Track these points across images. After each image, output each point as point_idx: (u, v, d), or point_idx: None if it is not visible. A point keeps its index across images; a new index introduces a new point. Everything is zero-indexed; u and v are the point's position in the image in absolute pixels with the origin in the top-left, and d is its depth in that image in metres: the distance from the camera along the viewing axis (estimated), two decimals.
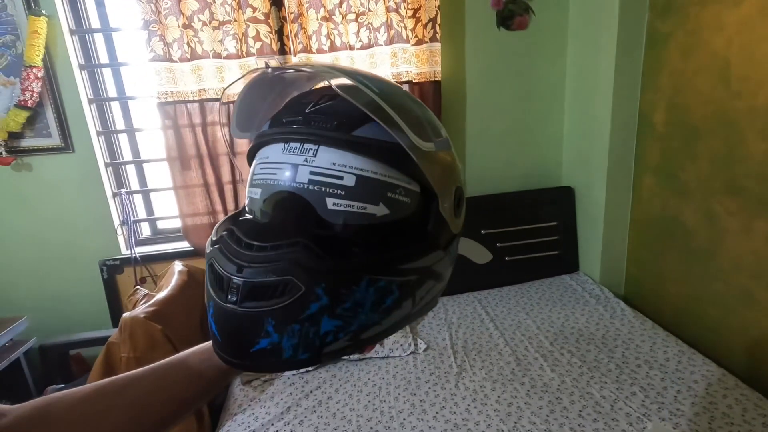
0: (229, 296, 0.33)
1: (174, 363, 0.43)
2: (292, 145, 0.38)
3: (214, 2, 1.69)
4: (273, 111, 0.43)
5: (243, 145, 1.86)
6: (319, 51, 1.80)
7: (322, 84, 0.46)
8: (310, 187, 0.36)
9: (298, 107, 0.40)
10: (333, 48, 1.81)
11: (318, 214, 0.36)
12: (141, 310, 1.32)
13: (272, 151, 0.39)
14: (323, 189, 0.36)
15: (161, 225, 2.09)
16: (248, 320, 0.33)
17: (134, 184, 2.04)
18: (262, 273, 0.33)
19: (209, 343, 0.41)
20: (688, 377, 1.37)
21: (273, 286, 0.32)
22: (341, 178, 0.36)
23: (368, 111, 0.34)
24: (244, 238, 0.35)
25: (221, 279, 0.34)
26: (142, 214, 2.06)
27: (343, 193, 0.36)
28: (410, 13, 1.79)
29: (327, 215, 0.36)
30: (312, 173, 0.36)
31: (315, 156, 0.37)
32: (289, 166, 0.37)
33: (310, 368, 1.57)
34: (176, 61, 1.72)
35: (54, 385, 1.63)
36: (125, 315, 1.29)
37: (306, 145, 0.37)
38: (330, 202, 0.36)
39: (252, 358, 0.33)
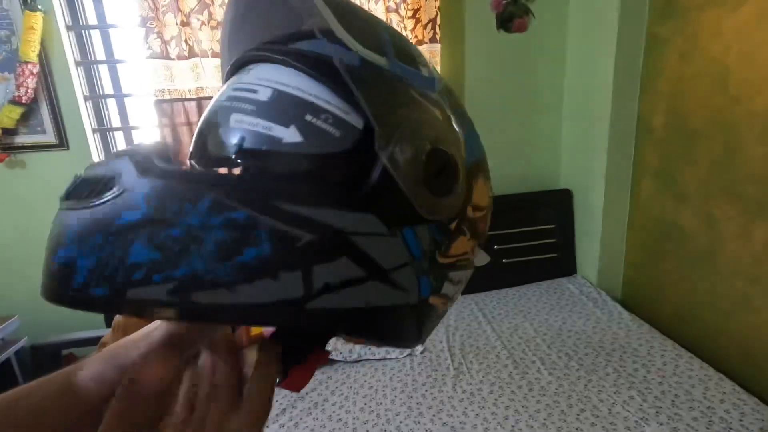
0: (63, 194, 0.26)
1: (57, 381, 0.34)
2: (240, 70, 0.33)
3: (213, 3, 1.68)
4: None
5: None
6: None
7: None
8: (225, 103, 0.30)
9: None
10: None
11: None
12: None
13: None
14: (233, 104, 0.29)
15: None
16: (60, 222, 0.25)
17: None
18: (97, 168, 0.26)
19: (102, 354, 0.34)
20: (686, 381, 1.36)
21: (96, 180, 0.25)
22: (256, 91, 0.29)
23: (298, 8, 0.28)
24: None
25: None
26: None
27: (251, 108, 0.28)
28: (410, 13, 1.78)
29: (226, 135, 0.29)
30: (234, 89, 0.30)
31: (247, 74, 0.31)
32: (225, 86, 0.32)
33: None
34: (174, 59, 1.70)
35: None
36: (118, 315, 1.27)
37: (248, 67, 0.32)
38: (234, 119, 0.29)
39: (48, 276, 0.24)
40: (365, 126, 0.28)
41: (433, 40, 1.84)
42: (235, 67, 0.33)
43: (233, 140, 0.28)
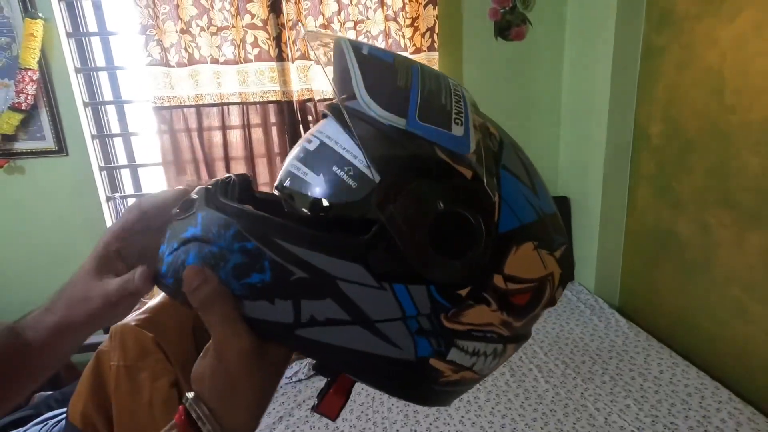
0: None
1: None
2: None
3: (213, 8, 1.69)
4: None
5: (238, 149, 1.86)
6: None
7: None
8: (296, 149, 0.36)
9: None
10: None
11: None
12: (132, 317, 1.30)
13: None
14: (297, 151, 0.35)
15: None
16: (166, 229, 0.35)
17: (129, 189, 2.03)
18: (197, 192, 0.35)
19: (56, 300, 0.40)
20: (682, 390, 1.37)
21: (189, 201, 0.34)
22: (311, 142, 0.34)
23: (324, 69, 0.33)
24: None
25: None
26: None
27: (302, 155, 0.34)
28: (408, 21, 1.80)
29: (283, 173, 0.35)
30: (305, 138, 0.36)
31: (319, 125, 0.36)
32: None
33: (303, 376, 1.55)
34: (173, 66, 1.71)
35: (42, 392, 1.61)
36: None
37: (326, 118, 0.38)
38: (290, 162, 0.35)
39: (158, 261, 0.35)
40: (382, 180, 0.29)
41: (431, 48, 1.85)
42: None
43: (283, 179, 0.35)
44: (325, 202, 0.31)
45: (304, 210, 0.33)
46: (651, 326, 1.75)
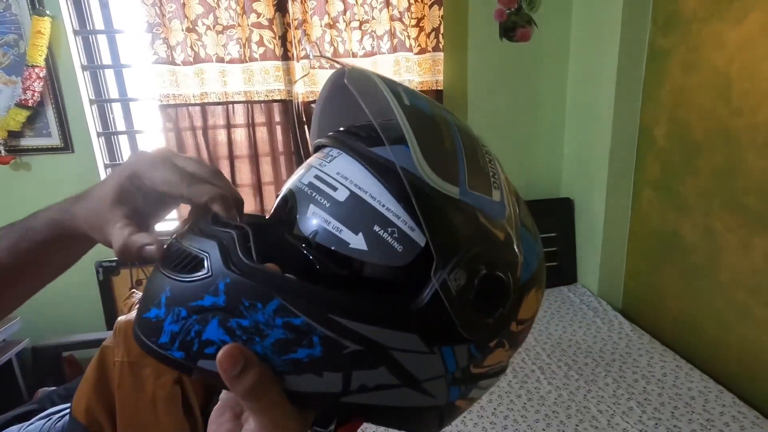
0: (164, 257, 0.31)
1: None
2: (325, 150, 0.36)
3: (219, 7, 1.70)
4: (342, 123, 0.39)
5: (243, 148, 1.86)
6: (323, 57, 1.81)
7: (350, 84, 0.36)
8: (306, 189, 0.33)
9: (356, 122, 0.37)
10: (336, 55, 1.81)
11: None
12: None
13: (314, 155, 0.37)
14: (313, 194, 0.32)
15: (159, 227, 2.09)
16: (156, 282, 0.30)
17: None
18: (192, 241, 0.30)
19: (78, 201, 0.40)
20: (686, 393, 1.36)
21: (189, 257, 0.29)
22: (336, 189, 0.32)
23: (371, 115, 0.29)
24: (221, 218, 0.33)
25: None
26: None
27: (327, 204, 0.31)
28: (414, 22, 1.80)
29: (302, 222, 0.32)
30: (316, 177, 0.33)
31: (330, 162, 0.34)
32: (306, 166, 0.35)
33: None
34: (179, 65, 1.72)
35: (46, 387, 1.61)
36: (120, 318, 1.27)
37: (331, 151, 0.34)
38: (311, 210, 0.32)
39: (140, 323, 0.30)
40: (427, 244, 0.29)
41: (436, 48, 1.85)
42: (320, 146, 0.36)
43: (307, 230, 0.31)
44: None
45: (335, 267, 0.30)
46: (654, 329, 1.75)
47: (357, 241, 0.30)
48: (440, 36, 1.83)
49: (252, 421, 0.28)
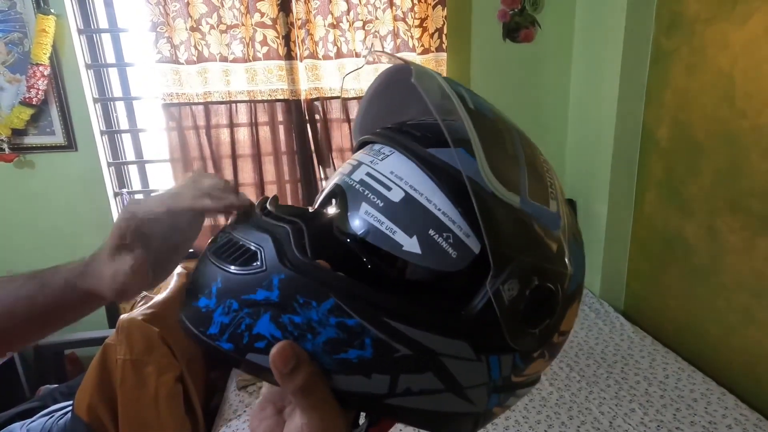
0: (211, 245, 0.31)
1: (48, 270, 0.42)
2: (374, 146, 0.35)
3: (223, 6, 1.70)
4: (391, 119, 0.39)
5: (245, 147, 1.86)
6: (326, 57, 1.81)
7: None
8: (357, 186, 0.32)
9: (407, 120, 0.37)
10: (339, 55, 1.81)
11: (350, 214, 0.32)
12: (139, 312, 1.31)
13: (360, 151, 0.37)
14: (365, 192, 0.32)
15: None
16: (206, 271, 0.30)
17: (136, 185, 2.04)
18: (244, 233, 0.30)
19: (88, 261, 0.41)
20: (688, 395, 1.36)
21: (241, 249, 0.29)
22: (390, 189, 0.31)
23: (438, 116, 0.28)
24: (270, 208, 0.33)
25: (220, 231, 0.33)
26: None
27: (381, 204, 0.31)
28: (417, 22, 1.80)
29: (354, 219, 0.32)
30: (368, 174, 0.32)
31: (382, 161, 0.33)
32: (356, 162, 0.34)
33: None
34: (183, 63, 1.72)
35: (47, 385, 1.62)
36: (123, 316, 1.28)
37: (383, 149, 0.34)
38: (364, 208, 0.31)
39: (188, 311, 0.30)
40: (481, 251, 0.29)
41: (439, 49, 1.85)
42: (366, 142, 0.36)
43: (359, 229, 0.31)
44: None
45: (385, 267, 0.30)
46: (657, 331, 1.74)
47: (411, 244, 0.29)
48: (443, 36, 1.83)
49: (298, 418, 0.28)
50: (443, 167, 0.30)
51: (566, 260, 0.31)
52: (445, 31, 1.83)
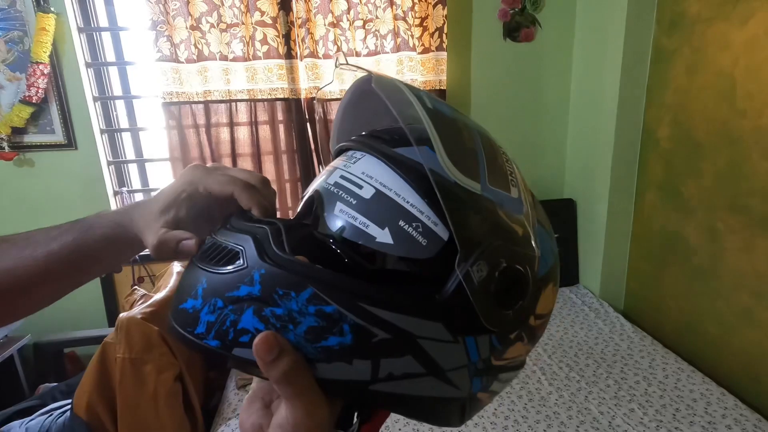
0: (199, 252, 0.33)
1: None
2: (348, 152, 0.37)
3: (223, 5, 1.70)
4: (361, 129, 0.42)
5: (245, 146, 1.86)
6: (326, 56, 1.81)
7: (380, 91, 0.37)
8: (332, 189, 0.35)
9: (375, 128, 0.39)
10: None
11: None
12: (138, 310, 1.31)
13: (337, 158, 0.39)
14: (339, 193, 0.34)
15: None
16: (192, 275, 0.31)
17: (136, 183, 2.04)
18: (227, 236, 0.32)
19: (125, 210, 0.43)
20: (687, 395, 1.36)
21: (225, 251, 0.31)
22: (361, 187, 0.33)
23: (399, 116, 0.30)
24: (254, 216, 0.36)
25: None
26: None
27: (354, 202, 0.33)
28: (417, 21, 1.80)
29: (330, 219, 0.34)
30: (341, 177, 0.35)
31: (354, 163, 0.35)
32: (332, 168, 0.37)
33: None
34: (183, 62, 1.72)
35: (47, 384, 1.62)
36: (122, 315, 1.28)
37: (355, 153, 0.36)
38: (339, 207, 0.34)
39: (176, 314, 0.31)
40: (450, 238, 0.30)
41: (439, 48, 1.85)
42: (342, 150, 0.38)
43: (335, 226, 0.33)
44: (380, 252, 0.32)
45: (362, 261, 0.32)
46: (656, 331, 1.74)
47: (383, 236, 0.31)
48: (444, 35, 1.83)
49: (283, 408, 0.29)
50: (409, 164, 0.32)
51: (533, 243, 0.33)
52: (445, 31, 1.83)
